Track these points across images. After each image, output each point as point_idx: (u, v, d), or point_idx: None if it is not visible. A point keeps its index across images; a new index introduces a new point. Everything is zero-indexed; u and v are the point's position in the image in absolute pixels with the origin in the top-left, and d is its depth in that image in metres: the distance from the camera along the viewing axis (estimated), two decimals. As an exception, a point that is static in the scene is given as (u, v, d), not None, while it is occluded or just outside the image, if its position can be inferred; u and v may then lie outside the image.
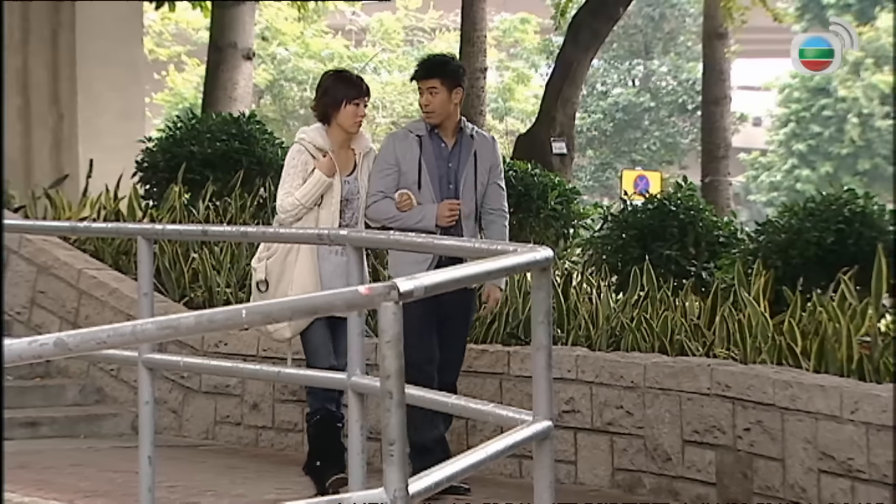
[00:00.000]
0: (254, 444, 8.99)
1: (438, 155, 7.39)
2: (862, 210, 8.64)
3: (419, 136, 7.40)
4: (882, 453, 6.34)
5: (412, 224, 7.18)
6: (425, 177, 7.33)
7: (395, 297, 3.56)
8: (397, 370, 3.60)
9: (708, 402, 7.26)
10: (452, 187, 7.37)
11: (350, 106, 7.29)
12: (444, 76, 7.38)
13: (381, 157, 7.43)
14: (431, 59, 7.79)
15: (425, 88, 7.37)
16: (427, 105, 7.38)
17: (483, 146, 7.51)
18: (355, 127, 7.36)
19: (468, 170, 7.39)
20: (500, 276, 5.77)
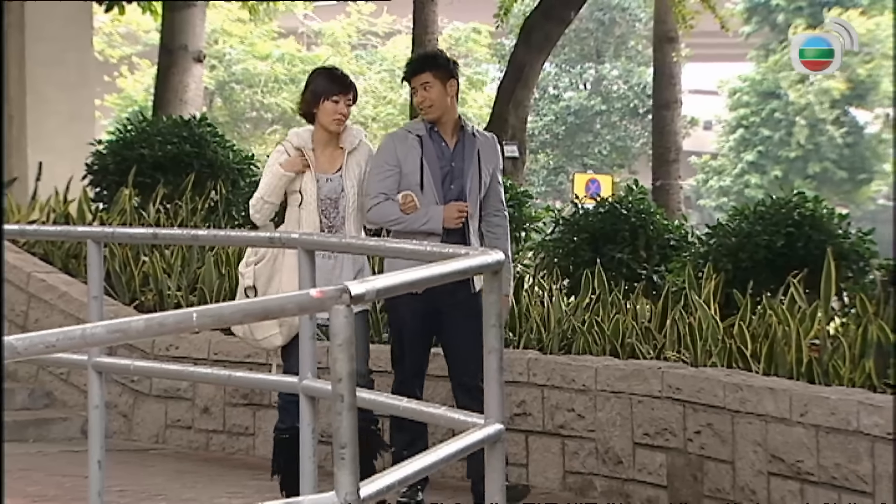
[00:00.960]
0: (204, 448, 8.96)
1: (441, 155, 7.15)
2: (811, 213, 8.70)
3: (419, 136, 7.14)
4: (830, 455, 6.38)
5: (418, 227, 6.99)
6: (428, 178, 7.07)
7: (346, 300, 3.55)
8: (349, 373, 3.58)
9: (659, 404, 7.29)
10: (455, 188, 7.14)
11: (328, 103, 7.04)
12: (435, 68, 7.14)
13: (381, 158, 7.15)
14: (418, 55, 7.58)
15: (418, 85, 7.12)
16: (423, 101, 7.12)
17: (485, 145, 7.28)
18: (335, 125, 7.08)
19: (472, 169, 7.16)
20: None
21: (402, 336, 7.22)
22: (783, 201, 8.84)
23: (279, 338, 6.98)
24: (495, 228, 7.29)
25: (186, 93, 16.97)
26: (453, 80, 7.16)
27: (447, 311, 7.02)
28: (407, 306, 6.95)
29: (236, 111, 40.84)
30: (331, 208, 7.11)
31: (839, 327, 7.70)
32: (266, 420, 8.72)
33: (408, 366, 7.16)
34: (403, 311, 7.07)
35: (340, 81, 7.15)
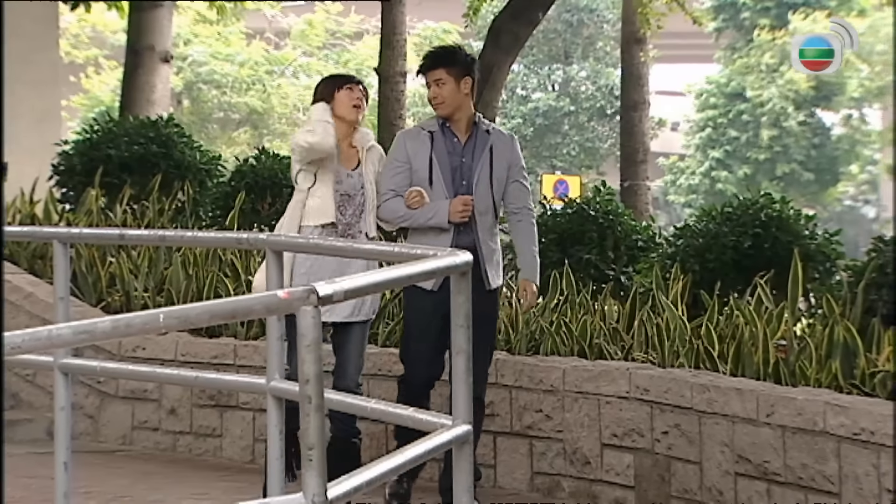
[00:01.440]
0: (171, 450, 8.93)
1: (451, 150, 7.06)
2: (778, 215, 8.73)
3: (431, 132, 7.07)
4: (797, 456, 6.40)
5: (423, 222, 6.95)
6: (437, 173, 6.99)
7: (314, 301, 3.54)
8: (316, 374, 3.58)
9: (626, 405, 7.30)
10: (465, 183, 7.03)
11: (342, 92, 6.96)
12: (450, 65, 7.05)
13: (392, 156, 7.11)
14: (436, 49, 7.38)
15: (432, 81, 7.05)
16: (435, 97, 7.05)
17: (500, 142, 7.15)
18: (354, 112, 6.96)
19: (482, 165, 7.05)
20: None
21: (410, 339, 7.13)
22: (750, 202, 8.87)
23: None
24: (515, 225, 7.22)
25: (153, 93, 16.93)
26: (468, 78, 7.09)
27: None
28: (419, 307, 6.93)
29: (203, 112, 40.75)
30: (346, 204, 6.98)
31: (806, 328, 7.73)
32: (233, 421, 8.70)
33: (416, 373, 7.02)
34: (414, 312, 7.05)
35: (346, 76, 7.18)
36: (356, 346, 6.96)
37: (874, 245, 8.02)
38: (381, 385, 8.08)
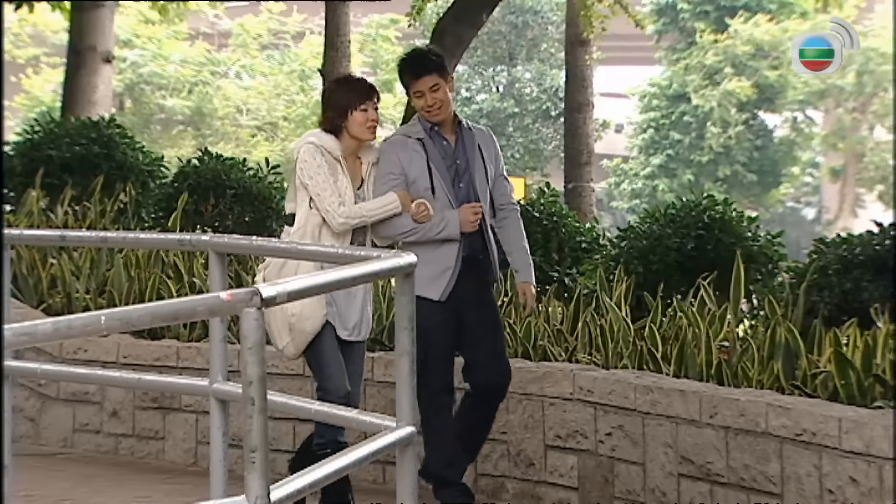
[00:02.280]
0: (113, 452, 8.87)
1: (444, 154, 6.79)
2: (721, 216, 8.78)
3: (419, 139, 6.76)
4: (739, 457, 6.43)
5: (434, 235, 6.64)
6: (438, 181, 6.71)
7: (257, 303, 3.53)
8: (259, 376, 3.56)
9: (570, 406, 7.31)
10: (464, 186, 6.79)
11: (357, 113, 6.58)
12: (439, 68, 6.77)
13: (384, 169, 6.71)
14: (418, 55, 7.00)
15: (426, 89, 6.70)
16: (433, 105, 6.71)
17: (483, 138, 6.93)
18: (369, 133, 6.66)
19: (477, 165, 6.82)
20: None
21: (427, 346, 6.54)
22: (693, 204, 8.91)
23: (291, 347, 6.56)
24: (503, 222, 6.99)
25: (95, 94, 16.83)
26: (451, 77, 6.92)
27: (471, 311, 6.80)
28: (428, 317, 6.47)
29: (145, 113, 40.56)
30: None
31: (748, 329, 7.77)
32: (175, 424, 8.66)
33: (437, 381, 6.72)
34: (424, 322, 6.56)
35: (363, 88, 6.73)
36: (357, 367, 6.76)
37: (815, 247, 8.08)
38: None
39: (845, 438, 5.90)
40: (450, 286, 6.69)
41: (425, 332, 6.49)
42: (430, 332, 6.52)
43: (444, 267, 6.70)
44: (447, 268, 6.70)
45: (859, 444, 5.83)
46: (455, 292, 6.70)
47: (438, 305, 6.67)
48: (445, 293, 6.68)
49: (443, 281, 6.68)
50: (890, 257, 7.47)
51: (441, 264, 6.69)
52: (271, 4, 42.21)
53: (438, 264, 6.68)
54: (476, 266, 6.79)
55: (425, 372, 6.56)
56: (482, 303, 6.86)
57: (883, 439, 5.71)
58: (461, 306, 6.74)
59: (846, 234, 8.04)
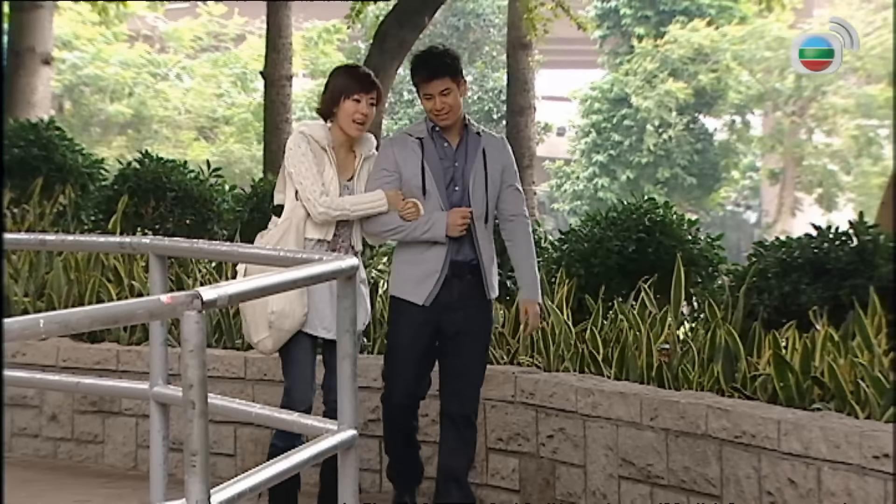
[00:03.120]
0: (52, 457, 8.80)
1: (443, 155, 6.59)
2: (662, 219, 8.81)
3: (419, 138, 6.60)
4: (679, 459, 6.46)
5: (419, 235, 6.49)
6: (430, 181, 6.53)
7: (197, 306, 3.51)
8: (200, 380, 3.55)
9: (512, 409, 7.32)
10: (459, 189, 6.58)
11: (349, 102, 6.47)
12: (453, 72, 6.57)
13: (379, 164, 6.58)
14: (433, 55, 6.69)
15: (437, 93, 6.52)
16: (442, 109, 6.52)
17: (492, 145, 6.70)
18: (353, 127, 6.50)
19: (476, 169, 6.59)
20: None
21: (396, 354, 6.68)
22: (634, 207, 8.95)
23: (269, 343, 6.46)
24: (511, 235, 6.77)
25: (34, 95, 16.72)
26: (464, 80, 6.68)
27: (455, 323, 6.57)
28: (408, 321, 6.57)
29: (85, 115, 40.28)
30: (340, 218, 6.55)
31: (688, 332, 7.81)
32: (115, 428, 8.60)
33: (400, 391, 6.64)
34: (402, 326, 6.63)
35: (362, 79, 6.59)
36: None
37: (755, 250, 8.12)
38: (266, 391, 8.04)
39: (784, 440, 5.94)
40: (435, 291, 6.52)
41: (400, 337, 6.63)
42: (404, 339, 6.57)
43: (431, 270, 6.53)
44: (433, 272, 6.53)
45: (798, 446, 5.87)
46: (440, 299, 6.53)
47: (421, 310, 6.52)
48: (430, 298, 6.52)
49: (428, 285, 6.52)
50: (828, 260, 7.52)
51: (427, 267, 6.54)
52: (211, 6, 42.07)
53: (425, 267, 6.54)
54: (465, 274, 6.59)
55: (392, 381, 6.68)
56: (468, 320, 6.60)
57: (821, 441, 5.76)
58: (445, 315, 6.55)
59: (785, 238, 8.09)
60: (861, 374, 6.26)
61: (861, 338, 6.65)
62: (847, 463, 5.65)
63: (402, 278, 6.61)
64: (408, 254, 6.60)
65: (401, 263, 6.64)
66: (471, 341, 6.64)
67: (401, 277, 6.62)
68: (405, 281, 6.58)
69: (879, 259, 7.46)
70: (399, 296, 6.61)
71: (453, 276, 6.55)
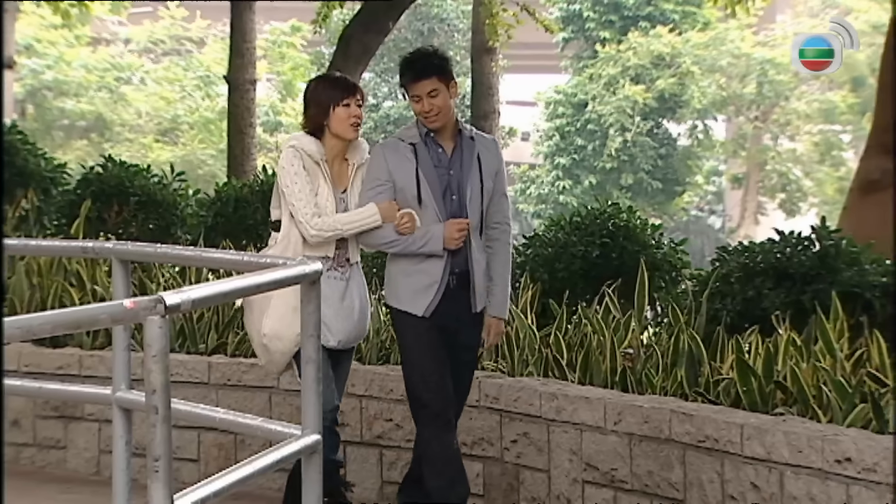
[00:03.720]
0: (14, 462, 8.75)
1: (437, 163, 6.32)
2: (625, 224, 8.83)
3: (412, 143, 6.32)
4: (643, 463, 6.48)
5: (415, 249, 6.24)
6: (426, 190, 6.26)
7: (160, 310, 3.50)
8: (163, 385, 3.54)
9: (476, 414, 7.32)
10: (456, 198, 6.32)
11: (339, 109, 6.34)
12: (442, 72, 6.33)
13: (371, 173, 6.34)
14: (420, 55, 6.45)
15: (424, 94, 6.27)
16: (430, 111, 6.27)
17: (485, 148, 6.44)
18: (352, 131, 6.36)
19: (473, 177, 6.34)
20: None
21: (417, 363, 6.35)
22: (598, 212, 8.96)
23: (272, 367, 6.42)
24: (493, 242, 6.49)
25: (-4, 99, 16.62)
26: (454, 82, 6.42)
27: (454, 334, 6.35)
28: (416, 333, 6.32)
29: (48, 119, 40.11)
30: None
31: (652, 336, 7.83)
32: (77, 433, 8.57)
33: (436, 396, 6.28)
34: (412, 339, 6.36)
35: (343, 84, 6.48)
36: (342, 380, 6.62)
37: (718, 255, 8.15)
38: (229, 395, 8.02)
39: (747, 445, 5.96)
40: (435, 301, 6.28)
41: (413, 350, 6.36)
42: (417, 349, 6.31)
43: (431, 281, 6.29)
44: (433, 282, 6.29)
45: (761, 451, 5.89)
46: (441, 310, 6.29)
47: (423, 321, 6.28)
48: (430, 309, 6.28)
49: (428, 296, 6.28)
50: (791, 265, 7.55)
51: (427, 278, 6.30)
52: (174, 10, 41.97)
53: (424, 277, 6.30)
54: (461, 286, 6.35)
55: (424, 391, 6.29)
56: (466, 333, 6.44)
57: (783, 445, 5.78)
58: (447, 326, 6.31)
59: (748, 243, 8.12)
60: (823, 378, 6.30)
61: (823, 342, 6.68)
62: (809, 467, 5.68)
63: (400, 288, 6.37)
64: (405, 263, 6.36)
65: (398, 273, 6.40)
66: (467, 355, 6.52)
67: (399, 287, 6.39)
68: (403, 291, 6.35)
69: (841, 264, 7.50)
70: (398, 307, 6.37)
71: (455, 287, 6.32)
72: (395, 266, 6.41)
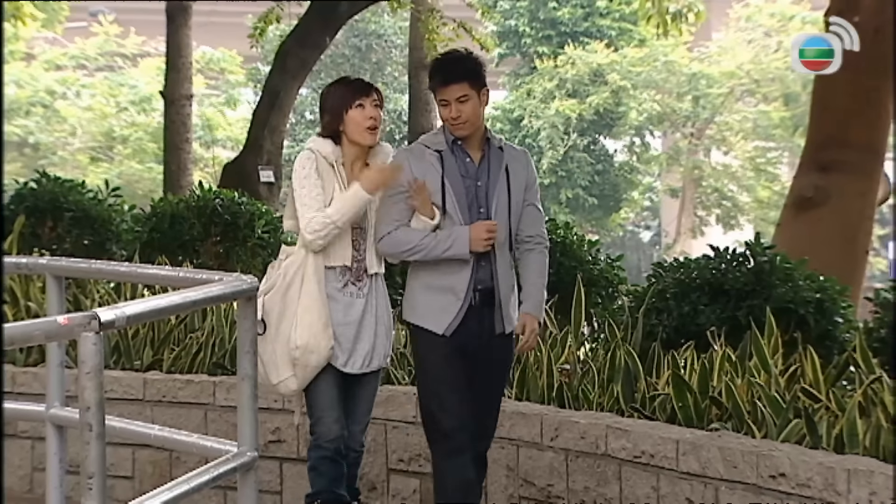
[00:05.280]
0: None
1: (465, 173, 5.89)
2: (562, 240, 8.86)
3: (439, 151, 5.89)
4: (580, 479, 6.49)
5: (440, 253, 5.77)
6: (451, 199, 5.82)
7: (95, 327, 3.48)
8: (97, 401, 3.51)
9: (413, 430, 7.31)
10: (483, 211, 5.87)
11: (353, 111, 5.98)
12: (472, 77, 5.90)
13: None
14: (451, 58, 6.07)
15: (453, 99, 5.85)
16: (457, 117, 5.86)
17: (515, 160, 6.01)
18: (368, 135, 5.98)
19: (500, 188, 5.89)
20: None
21: (433, 384, 5.91)
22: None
23: (294, 382, 5.95)
24: (526, 254, 6.03)
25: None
26: (486, 89, 6.02)
27: (475, 356, 5.87)
28: (437, 354, 5.85)
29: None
30: (360, 239, 6.04)
31: (588, 352, 7.85)
32: (11, 450, 8.48)
33: (454, 423, 5.81)
34: (432, 360, 5.89)
35: (356, 84, 6.12)
36: (366, 402, 6.20)
37: (654, 271, 8.19)
38: (165, 412, 7.97)
39: (682, 460, 5.99)
40: (458, 319, 5.82)
41: (430, 369, 5.89)
42: (435, 368, 5.86)
43: (453, 296, 5.83)
44: (456, 298, 5.83)
45: (696, 466, 5.92)
46: (463, 329, 5.83)
47: (443, 340, 5.81)
48: (451, 327, 5.82)
49: (449, 314, 5.82)
50: (726, 281, 7.60)
51: (449, 293, 5.85)
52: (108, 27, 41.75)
53: (446, 293, 5.85)
54: (486, 304, 5.87)
55: (438, 411, 5.86)
56: (491, 355, 5.93)
57: (719, 461, 5.81)
58: (469, 346, 5.85)
59: (684, 259, 8.17)
60: (758, 394, 6.34)
61: (758, 358, 6.73)
62: (744, 482, 5.72)
63: (421, 304, 5.93)
64: (426, 276, 5.93)
65: (418, 288, 5.97)
66: (494, 380, 6.03)
67: (419, 303, 5.95)
68: (425, 308, 5.90)
69: (775, 280, 7.55)
70: (417, 323, 5.93)
71: (475, 305, 5.85)
72: (416, 280, 5.99)
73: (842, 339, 7.47)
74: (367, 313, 6.03)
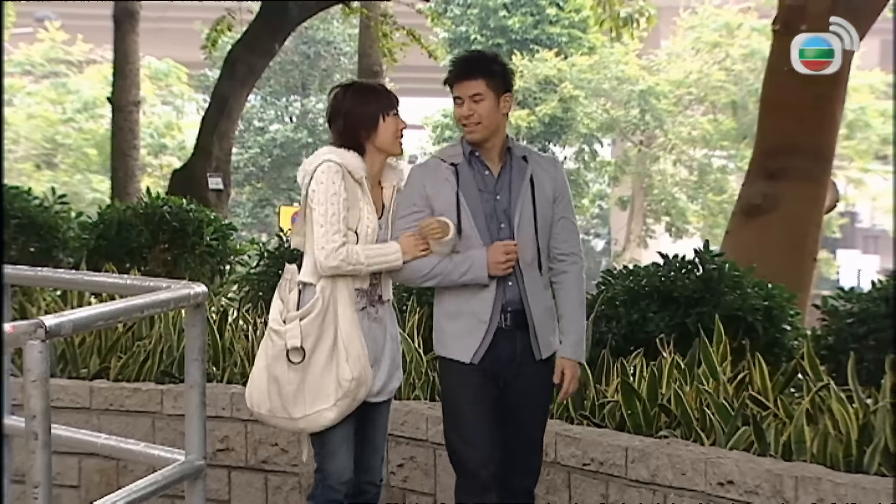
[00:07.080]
0: None
1: (482, 187, 5.40)
2: (511, 248, 8.85)
3: (454, 164, 5.42)
4: (530, 486, 6.49)
5: (457, 278, 5.30)
6: (466, 217, 5.33)
7: (41, 335, 3.45)
8: (43, 410, 3.48)
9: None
10: (505, 227, 5.36)
11: (389, 119, 5.50)
12: (490, 76, 5.39)
13: (406, 197, 5.47)
14: (471, 54, 5.58)
15: (466, 96, 5.41)
16: (469, 116, 5.41)
17: (541, 170, 5.49)
18: (398, 145, 5.52)
19: (524, 202, 5.37)
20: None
21: (459, 418, 5.42)
22: (484, 236, 8.97)
23: (332, 413, 5.38)
24: (560, 276, 5.51)
25: None
26: (508, 95, 5.47)
27: (510, 385, 5.41)
28: (464, 382, 5.37)
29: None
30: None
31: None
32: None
33: (472, 455, 5.34)
34: (460, 388, 5.39)
35: (389, 91, 5.70)
36: (383, 430, 5.75)
37: (604, 278, 8.21)
38: (112, 421, 7.92)
39: (632, 468, 6.00)
40: (484, 345, 5.34)
41: (453, 400, 5.44)
42: (458, 399, 5.38)
43: (478, 321, 5.35)
44: (481, 322, 5.34)
45: (645, 473, 5.93)
46: (493, 354, 5.35)
47: (471, 368, 5.34)
48: (479, 354, 5.34)
49: (475, 339, 5.34)
50: (675, 288, 7.63)
51: (473, 318, 5.36)
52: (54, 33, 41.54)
53: (470, 318, 5.37)
54: (516, 329, 5.39)
55: (462, 446, 5.40)
56: (526, 385, 5.45)
57: (668, 468, 5.83)
58: (501, 374, 5.39)
59: (633, 266, 8.19)
60: (706, 401, 6.36)
61: (706, 365, 6.75)
62: (693, 490, 5.73)
63: (446, 333, 5.45)
64: (448, 303, 5.46)
65: (441, 317, 5.48)
66: (534, 411, 5.53)
67: (443, 332, 5.47)
68: (448, 336, 5.43)
69: (724, 287, 7.58)
70: (444, 354, 5.45)
71: (505, 329, 5.37)
72: (439, 308, 5.52)
73: (790, 346, 7.51)
74: (385, 340, 5.59)
